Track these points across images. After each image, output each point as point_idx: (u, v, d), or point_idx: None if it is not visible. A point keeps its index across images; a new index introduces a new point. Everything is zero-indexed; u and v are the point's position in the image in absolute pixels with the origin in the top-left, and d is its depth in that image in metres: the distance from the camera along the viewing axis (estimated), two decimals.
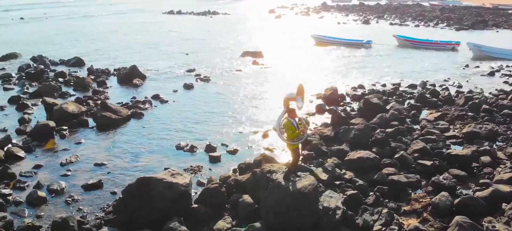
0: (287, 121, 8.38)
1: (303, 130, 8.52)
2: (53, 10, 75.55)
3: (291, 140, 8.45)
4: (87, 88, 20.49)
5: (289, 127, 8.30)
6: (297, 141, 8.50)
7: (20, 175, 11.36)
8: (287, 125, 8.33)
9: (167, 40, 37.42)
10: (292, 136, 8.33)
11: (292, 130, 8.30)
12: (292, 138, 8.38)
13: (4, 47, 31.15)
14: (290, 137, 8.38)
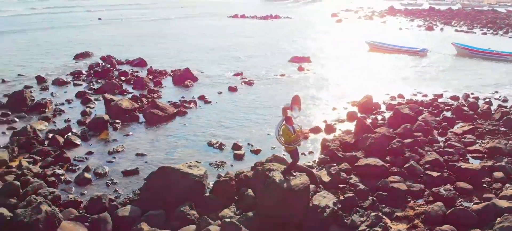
0: (284, 127, 9.43)
1: (298, 135, 9.50)
2: (130, 11, 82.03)
3: (288, 144, 9.49)
4: (144, 87, 22.88)
5: (286, 133, 9.35)
6: (293, 144, 9.51)
7: (74, 159, 13.56)
8: (285, 130, 9.38)
9: (224, 44, 39.44)
10: (289, 140, 9.38)
11: (288, 135, 9.34)
12: (288, 142, 9.43)
13: (80, 46, 35.22)
14: (287, 141, 9.43)
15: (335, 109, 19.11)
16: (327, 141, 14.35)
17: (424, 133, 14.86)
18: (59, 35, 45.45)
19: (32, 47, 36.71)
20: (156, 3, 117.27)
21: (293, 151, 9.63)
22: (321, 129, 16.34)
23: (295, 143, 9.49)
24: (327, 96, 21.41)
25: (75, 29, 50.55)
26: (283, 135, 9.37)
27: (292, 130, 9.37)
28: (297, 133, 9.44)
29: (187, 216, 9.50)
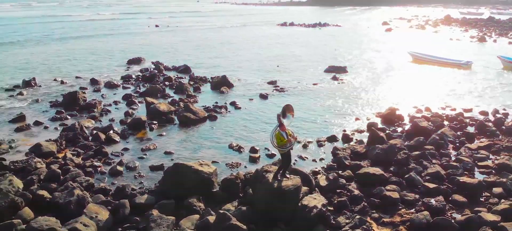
0: (278, 133, 10.55)
1: (289, 140, 10.57)
2: (187, 19, 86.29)
3: (280, 147, 10.61)
4: (184, 92, 24.83)
5: (279, 137, 10.47)
6: (284, 148, 10.60)
7: (111, 154, 15.52)
8: (278, 135, 10.51)
9: (266, 53, 40.94)
10: (280, 144, 10.49)
11: (280, 139, 10.46)
12: (280, 145, 10.54)
13: (135, 52, 38.36)
14: (279, 145, 10.55)
15: (358, 119, 19.72)
16: (337, 149, 15.22)
17: (436, 146, 15.18)
18: (118, 41, 49.48)
19: (93, 52, 40.56)
20: (217, 11, 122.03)
21: (286, 154, 10.72)
22: (337, 138, 17.12)
23: (286, 147, 10.57)
24: (354, 106, 22.00)
25: (133, 36, 54.63)
26: (276, 139, 10.49)
27: (284, 135, 10.47)
28: (289, 138, 10.51)
29: (193, 207, 10.92)
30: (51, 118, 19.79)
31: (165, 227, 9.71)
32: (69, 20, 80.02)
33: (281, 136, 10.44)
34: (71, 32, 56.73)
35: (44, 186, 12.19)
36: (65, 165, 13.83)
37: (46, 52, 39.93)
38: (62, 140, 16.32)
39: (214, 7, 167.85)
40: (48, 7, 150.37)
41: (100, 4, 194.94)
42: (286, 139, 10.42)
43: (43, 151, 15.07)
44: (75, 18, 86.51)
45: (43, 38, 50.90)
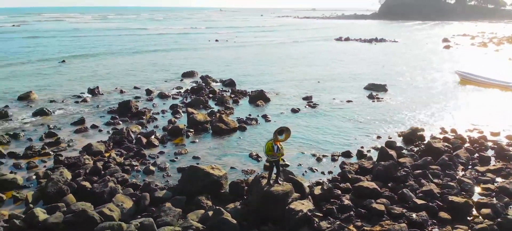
0: (270, 143, 12.20)
1: (274, 153, 12.16)
2: (246, 34, 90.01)
3: (268, 156, 12.27)
4: (224, 104, 27.13)
5: (269, 148, 12.12)
6: (271, 159, 12.24)
7: (148, 156, 18.04)
8: (269, 145, 12.17)
9: (312, 68, 42.31)
10: (268, 153, 12.16)
11: (269, 149, 12.13)
12: (268, 154, 12.21)
13: (189, 66, 41.74)
14: (266, 153, 12.22)
15: (379, 137, 20.55)
16: (345, 164, 16.43)
17: (442, 167, 15.77)
18: (178, 55, 53.69)
19: (154, 65, 44.71)
20: (279, 25, 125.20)
21: (275, 162, 12.35)
22: (352, 154, 18.21)
23: (272, 158, 12.21)
24: (380, 124, 22.76)
25: (193, 50, 58.67)
26: (266, 148, 12.18)
27: (275, 148, 12.12)
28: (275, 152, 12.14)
29: (201, 203, 12.87)
30: (106, 123, 23.00)
31: (171, 216, 11.75)
32: (140, 34, 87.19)
33: (272, 148, 12.09)
34: (139, 46, 62.22)
35: (87, 178, 14.89)
36: (108, 162, 16.54)
37: (112, 64, 44.78)
38: (110, 142, 19.23)
39: (276, 21, 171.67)
40: (124, 20, 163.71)
41: (173, 17, 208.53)
42: (273, 151, 12.06)
43: (93, 150, 17.99)
44: (146, 32, 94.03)
45: (113, 50, 56.63)
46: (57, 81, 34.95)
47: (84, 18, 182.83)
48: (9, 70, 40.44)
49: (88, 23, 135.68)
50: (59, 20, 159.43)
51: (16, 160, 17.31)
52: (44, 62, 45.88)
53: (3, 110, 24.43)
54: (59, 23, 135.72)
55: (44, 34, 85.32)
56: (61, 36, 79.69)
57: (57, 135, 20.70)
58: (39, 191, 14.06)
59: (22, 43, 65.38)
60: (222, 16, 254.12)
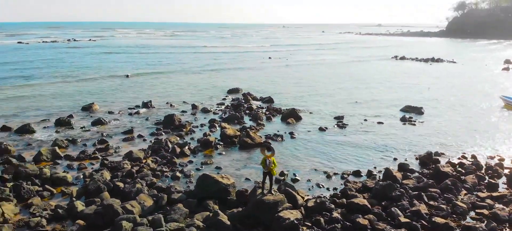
0: (264, 158, 14.04)
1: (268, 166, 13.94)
2: (300, 52, 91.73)
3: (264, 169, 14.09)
4: (257, 120, 29.23)
5: (263, 161, 13.97)
6: (265, 170, 14.03)
7: (179, 164, 20.58)
8: (263, 160, 14.01)
9: (355, 89, 43.06)
10: (263, 166, 13.99)
11: (263, 163, 13.97)
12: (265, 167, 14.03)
13: (236, 83, 44.50)
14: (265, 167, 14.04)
15: (396, 159, 21.33)
16: (349, 182, 17.68)
17: (443, 190, 16.45)
18: (231, 72, 56.88)
19: (207, 81, 48.15)
20: (337, 43, 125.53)
21: (266, 175, 14.15)
22: (361, 173, 19.32)
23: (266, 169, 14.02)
24: (401, 147, 23.42)
25: (246, 69, 61.49)
26: (261, 163, 14.02)
27: (267, 162, 13.97)
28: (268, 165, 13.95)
29: (208, 207, 14.97)
30: (151, 133, 26.11)
31: (179, 215, 13.98)
32: (203, 51, 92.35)
33: (265, 161, 13.98)
34: (199, 64, 66.22)
35: (122, 179, 17.68)
36: (142, 168, 19.31)
37: (170, 80, 48.87)
38: (148, 150, 22.13)
39: (336, 38, 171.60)
40: (192, 37, 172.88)
41: (239, 34, 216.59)
42: (266, 164, 13.92)
43: (133, 157, 20.94)
44: (209, 49, 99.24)
45: (173, 68, 61.13)
46: (118, 95, 39.34)
47: (156, 34, 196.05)
48: (78, 83, 46.02)
49: (158, 40, 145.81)
50: (132, 36, 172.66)
51: (70, 162, 20.69)
52: (110, 76, 51.29)
53: (67, 119, 28.58)
54: (131, 39, 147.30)
55: (115, 49, 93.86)
56: (130, 52, 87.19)
57: (107, 142, 24.05)
58: (83, 188, 17.03)
59: (94, 58, 72.95)
60: (284, 33, 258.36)
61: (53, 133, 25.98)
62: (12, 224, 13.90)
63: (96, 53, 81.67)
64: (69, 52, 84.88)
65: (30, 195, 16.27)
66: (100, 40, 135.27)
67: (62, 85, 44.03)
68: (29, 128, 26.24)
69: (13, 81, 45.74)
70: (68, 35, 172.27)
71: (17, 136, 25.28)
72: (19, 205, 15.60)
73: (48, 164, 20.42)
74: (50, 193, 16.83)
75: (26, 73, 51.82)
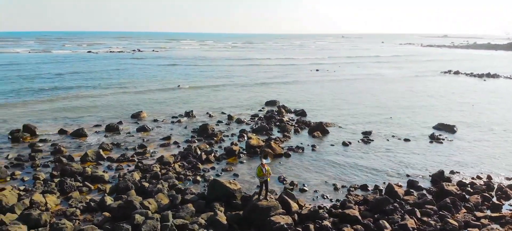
0: (260, 167, 15.69)
1: (265, 174, 15.53)
2: (350, 65, 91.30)
3: (259, 177, 15.72)
4: (285, 132, 30.79)
5: (259, 170, 15.62)
6: (261, 178, 15.63)
7: (202, 169, 22.76)
8: (259, 168, 15.67)
9: (392, 104, 42.99)
10: (259, 175, 15.63)
11: (260, 171, 15.61)
12: (259, 176, 15.67)
13: (275, 96, 46.29)
14: (258, 175, 15.68)
15: (408, 176, 21.87)
16: (350, 194, 18.76)
17: (440, 208, 17.01)
18: (274, 85, 58.75)
19: (250, 94, 50.44)
20: (394, 55, 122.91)
21: (263, 183, 15.74)
22: (368, 188, 20.21)
23: (263, 178, 15.62)
24: (419, 165, 23.76)
25: (289, 82, 62.93)
26: (257, 171, 15.67)
27: (264, 170, 15.59)
28: (265, 172, 15.55)
29: (214, 208, 16.90)
30: (185, 140, 28.70)
31: (185, 213, 16.05)
32: (256, 64, 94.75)
33: (261, 170, 15.62)
34: (248, 78, 67.44)
35: (149, 180, 20.22)
36: (168, 171, 21.77)
37: (216, 92, 51.60)
38: (178, 155, 24.63)
39: (395, 50, 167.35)
40: (249, 49, 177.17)
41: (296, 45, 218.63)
42: (263, 172, 15.54)
43: (163, 161, 23.51)
44: (262, 62, 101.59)
45: (223, 81, 63.64)
46: (166, 104, 42.75)
47: (216, 46, 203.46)
48: (133, 93, 50.42)
49: (216, 51, 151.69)
50: (192, 48, 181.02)
51: (111, 163, 23.70)
52: (163, 87, 55.36)
53: (116, 125, 32.13)
54: (190, 51, 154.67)
55: (174, 61, 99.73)
56: (187, 64, 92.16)
57: (146, 147, 26.96)
58: (115, 186, 19.76)
59: (152, 69, 78.43)
60: (343, 43, 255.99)
61: (102, 137, 29.45)
62: (51, 212, 16.79)
63: (155, 65, 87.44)
64: (132, 63, 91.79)
65: (71, 190, 19.25)
66: (163, 51, 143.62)
67: (119, 95, 48.56)
68: (82, 132, 29.99)
69: (76, 90, 51.07)
70: (134, 45, 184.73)
71: (71, 139, 29.06)
72: (61, 197, 18.59)
73: (92, 164, 23.59)
74: (88, 189, 19.75)
75: (90, 83, 57.42)
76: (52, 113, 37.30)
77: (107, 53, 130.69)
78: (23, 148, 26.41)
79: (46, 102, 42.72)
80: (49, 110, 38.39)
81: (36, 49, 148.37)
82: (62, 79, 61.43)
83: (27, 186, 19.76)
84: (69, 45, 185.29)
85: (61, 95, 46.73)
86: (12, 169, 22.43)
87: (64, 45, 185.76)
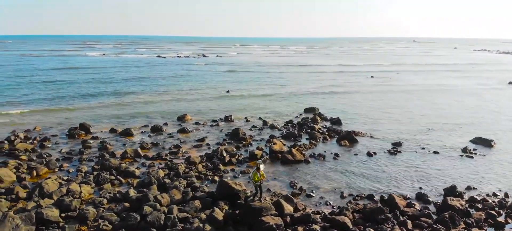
0: (255, 173, 17.08)
1: (260, 179, 16.88)
2: (406, 73, 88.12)
3: (255, 182, 17.10)
4: (314, 138, 31.66)
5: (255, 175, 17.02)
6: (256, 183, 17.01)
7: (222, 170, 24.57)
8: (255, 173, 17.07)
9: (437, 118, 41.66)
10: (255, 179, 17.02)
11: (256, 176, 17.00)
12: (256, 181, 17.05)
13: (317, 103, 46.95)
14: (255, 180, 17.06)
15: (421, 189, 21.85)
16: (351, 202, 19.46)
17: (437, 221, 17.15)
18: (321, 95, 59.14)
19: (294, 100, 51.57)
20: (471, 64, 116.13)
21: (258, 187, 17.10)
22: (374, 198, 20.63)
23: (257, 183, 17.00)
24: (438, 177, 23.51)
25: (337, 92, 62.91)
26: (254, 177, 17.09)
27: (259, 174, 16.99)
28: (260, 178, 16.93)
29: (218, 206, 18.61)
30: (217, 143, 30.82)
31: (190, 208, 17.96)
32: (311, 71, 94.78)
33: (257, 175, 17.06)
34: (300, 84, 68.69)
35: (171, 177, 22.50)
36: (190, 170, 23.91)
37: (260, 100, 53.50)
38: (204, 156, 26.76)
39: (467, 56, 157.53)
40: (313, 54, 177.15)
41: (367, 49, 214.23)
42: (258, 177, 16.96)
43: (190, 161, 25.75)
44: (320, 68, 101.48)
45: (272, 89, 65.67)
46: (211, 108, 45.38)
47: (280, 51, 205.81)
48: (186, 97, 53.93)
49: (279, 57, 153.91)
50: (255, 53, 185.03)
51: (146, 160, 26.45)
52: (214, 92, 58.35)
53: (160, 126, 35.18)
54: (252, 57, 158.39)
55: (234, 67, 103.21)
56: (243, 70, 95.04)
57: (180, 147, 29.47)
58: (142, 181, 22.28)
59: (210, 74, 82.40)
60: (412, 48, 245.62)
61: (146, 137, 32.54)
62: (83, 200, 19.61)
63: (214, 71, 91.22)
64: (194, 69, 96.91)
65: (105, 182, 22.09)
66: (226, 57, 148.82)
67: (172, 99, 52.24)
68: (129, 131, 33.36)
69: (134, 95, 55.63)
70: (201, 50, 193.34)
71: (119, 137, 32.49)
72: (95, 188, 21.45)
73: (129, 160, 26.50)
74: (119, 182, 22.48)
75: (148, 88, 62.04)
76: (108, 114, 41.60)
77: (175, 58, 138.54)
78: (76, 144, 30.19)
79: (106, 104, 47.43)
80: (106, 111, 42.82)
81: (108, 53, 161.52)
82: (124, 83, 67.12)
83: (69, 177, 22.99)
84: (141, 49, 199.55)
85: (119, 98, 51.52)
86: (62, 161, 26.02)
87: (136, 49, 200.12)
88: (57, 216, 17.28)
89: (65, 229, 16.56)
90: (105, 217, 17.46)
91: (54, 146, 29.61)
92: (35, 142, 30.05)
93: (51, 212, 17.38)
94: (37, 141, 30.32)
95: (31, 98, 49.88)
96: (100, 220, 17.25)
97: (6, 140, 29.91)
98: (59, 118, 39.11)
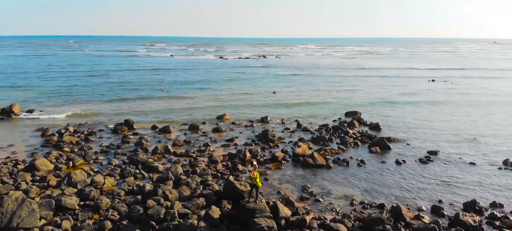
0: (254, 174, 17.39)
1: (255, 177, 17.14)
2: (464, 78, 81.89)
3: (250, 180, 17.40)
4: (344, 143, 30.98)
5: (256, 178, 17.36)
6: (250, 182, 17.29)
7: (240, 171, 25.04)
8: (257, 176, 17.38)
9: (487, 129, 38.54)
10: (251, 179, 17.34)
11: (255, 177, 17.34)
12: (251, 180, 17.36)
13: (359, 107, 45.68)
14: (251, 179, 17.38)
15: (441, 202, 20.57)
16: (356, 210, 18.99)
17: None
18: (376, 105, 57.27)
19: (339, 103, 50.67)
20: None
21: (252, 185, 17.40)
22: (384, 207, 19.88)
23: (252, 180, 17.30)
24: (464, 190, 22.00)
25: (390, 102, 60.37)
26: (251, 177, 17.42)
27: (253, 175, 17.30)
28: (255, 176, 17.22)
29: (221, 204, 19.20)
30: (244, 143, 31.40)
31: (192, 204, 18.73)
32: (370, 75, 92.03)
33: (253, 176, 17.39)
34: (355, 91, 67.41)
35: (187, 174, 23.52)
36: (208, 169, 24.76)
37: (305, 103, 53.23)
38: (227, 156, 27.50)
39: None
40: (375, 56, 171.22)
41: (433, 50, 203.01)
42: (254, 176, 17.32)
43: (212, 159, 26.65)
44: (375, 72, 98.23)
45: (319, 93, 64.87)
46: (252, 109, 46.11)
47: (336, 53, 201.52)
48: (232, 98, 55.18)
49: (341, 59, 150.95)
50: (317, 54, 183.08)
51: (174, 157, 27.79)
52: (261, 92, 59.09)
53: (197, 124, 36.58)
54: (311, 58, 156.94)
55: (292, 70, 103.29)
56: (303, 73, 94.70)
57: (209, 146, 30.50)
58: (161, 176, 23.54)
59: (259, 75, 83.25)
60: (488, 50, 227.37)
61: (181, 135, 34.08)
62: (103, 191, 21.25)
63: (263, 71, 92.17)
64: (250, 71, 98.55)
65: (129, 175, 23.69)
66: (284, 58, 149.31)
67: (219, 98, 53.81)
68: (167, 129, 35.17)
69: (187, 92, 58.16)
70: (261, 52, 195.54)
71: (158, 134, 34.39)
72: (120, 180, 23.08)
73: (159, 156, 28.01)
74: (142, 176, 23.97)
75: (204, 87, 64.57)
76: (156, 111, 44.12)
77: (236, 59, 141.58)
78: (117, 139, 32.51)
79: (157, 102, 50.22)
80: (155, 109, 45.38)
81: (177, 54, 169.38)
82: (183, 82, 70.37)
83: (99, 169, 24.95)
84: (211, 50, 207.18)
85: (172, 97, 54.20)
86: (99, 154, 28.25)
87: (206, 50, 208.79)
88: (74, 204, 18.96)
89: (78, 215, 18.15)
90: (116, 208, 18.84)
91: (98, 140, 32.16)
92: (81, 136, 32.83)
93: (69, 199, 19.12)
94: (84, 135, 33.07)
95: (91, 96, 54.42)
96: (111, 210, 18.65)
97: (57, 133, 33.05)
98: (109, 115, 42.18)
